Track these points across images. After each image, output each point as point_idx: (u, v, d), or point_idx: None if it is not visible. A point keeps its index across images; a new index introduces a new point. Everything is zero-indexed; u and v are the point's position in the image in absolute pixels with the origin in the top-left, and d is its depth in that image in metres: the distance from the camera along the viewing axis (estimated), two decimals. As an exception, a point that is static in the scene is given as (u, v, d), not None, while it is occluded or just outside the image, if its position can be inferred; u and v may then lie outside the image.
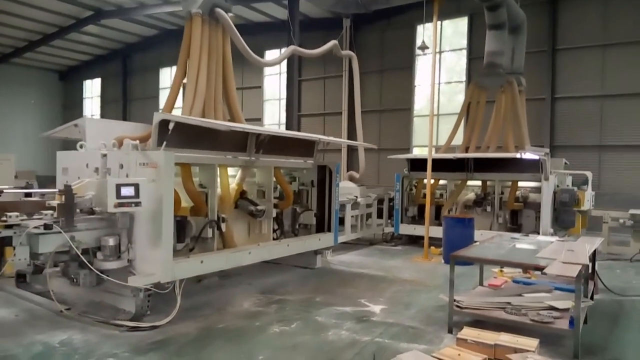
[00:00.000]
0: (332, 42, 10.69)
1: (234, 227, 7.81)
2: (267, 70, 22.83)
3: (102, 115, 29.19)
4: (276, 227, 8.46)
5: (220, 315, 6.22)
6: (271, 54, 22.20)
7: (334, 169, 9.11)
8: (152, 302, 5.97)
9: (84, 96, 31.49)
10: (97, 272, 5.46)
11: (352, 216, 11.77)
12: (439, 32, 18.56)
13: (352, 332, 5.61)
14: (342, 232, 11.27)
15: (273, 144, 7.99)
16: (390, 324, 5.98)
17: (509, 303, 5.88)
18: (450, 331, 5.62)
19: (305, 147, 8.90)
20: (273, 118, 22.97)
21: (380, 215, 13.15)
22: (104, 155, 6.14)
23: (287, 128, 17.08)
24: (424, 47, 13.24)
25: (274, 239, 8.29)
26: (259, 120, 22.80)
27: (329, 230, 9.16)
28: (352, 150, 20.27)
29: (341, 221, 11.40)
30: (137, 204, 5.43)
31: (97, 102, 30.81)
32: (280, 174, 8.49)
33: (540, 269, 5.24)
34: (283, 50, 16.06)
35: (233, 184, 7.83)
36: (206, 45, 7.64)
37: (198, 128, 6.48)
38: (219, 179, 7.33)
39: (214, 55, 7.79)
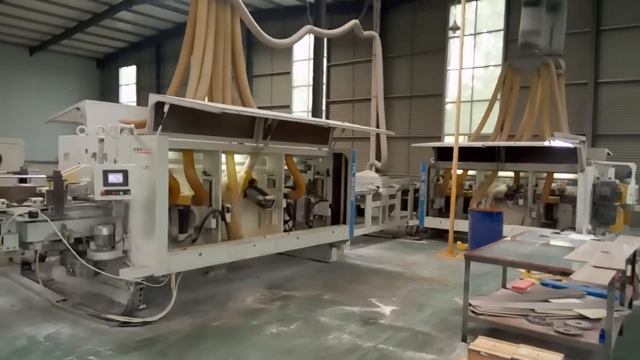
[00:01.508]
0: (353, 22, 10.10)
1: (242, 217, 7.47)
2: (296, 56, 22.36)
3: (138, 103, 29.54)
4: (288, 218, 8.05)
5: (219, 311, 5.89)
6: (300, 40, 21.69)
7: (349, 157, 8.60)
8: (151, 295, 5.71)
9: (120, 83, 31.98)
10: (84, 262, 5.19)
11: (375, 207, 11.27)
12: (474, 13, 17.69)
13: (355, 336, 5.15)
14: (362, 225, 10.82)
15: (283, 130, 7.56)
16: (399, 328, 5.49)
17: (532, 310, 5.27)
18: (464, 339, 5.08)
19: (319, 134, 8.42)
20: (302, 105, 22.52)
21: (405, 207, 12.55)
22: (102, 140, 5.87)
23: (314, 115, 16.59)
24: (455, 28, 12.44)
25: (285, 231, 7.91)
26: (287, 107, 22.43)
27: (344, 222, 8.69)
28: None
29: (361, 212, 10.95)
30: (126, 192, 5.13)
31: (132, 89, 31.22)
32: (292, 162, 8.06)
33: (566, 273, 4.61)
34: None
35: (241, 172, 7.46)
36: (213, 24, 7.26)
37: (200, 112, 6.10)
38: (225, 167, 6.99)
39: (221, 35, 7.41)
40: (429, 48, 18.44)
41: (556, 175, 10.57)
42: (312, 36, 16.52)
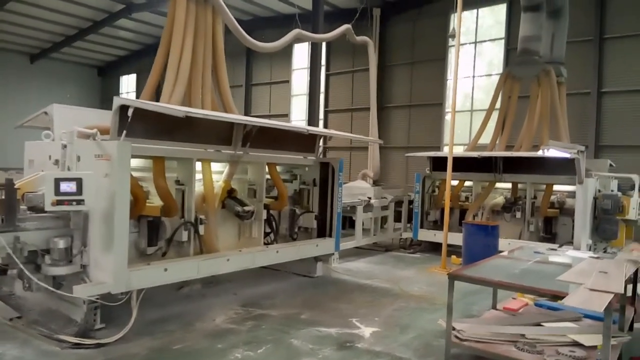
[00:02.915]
0: (345, 26, 9.75)
1: (220, 229, 7.07)
2: (295, 64, 22.10)
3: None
4: (269, 230, 7.64)
5: (184, 332, 5.46)
6: (300, 48, 21.46)
7: (336, 167, 8.19)
8: (116, 313, 5.29)
9: (120, 91, 31.84)
10: (32, 277, 4.79)
11: (367, 219, 10.83)
12: (475, 21, 17.34)
13: (326, 363, 4.71)
14: (353, 237, 10.39)
15: (266, 137, 7.18)
16: (377, 353, 5.04)
17: (522, 335, 4.81)
18: (446, 367, 4.62)
19: (305, 142, 8.03)
20: (301, 114, 22.18)
21: (398, 219, 12.10)
22: (64, 147, 5.52)
23: (309, 124, 16.23)
24: (454, 36, 12.01)
25: (266, 244, 7.49)
26: (286, 116, 22.11)
27: (330, 235, 8.25)
28: (380, 149, 19.19)
29: (352, 224, 10.54)
30: (79, 202, 4.74)
31: (133, 97, 31.11)
32: (275, 171, 7.66)
33: (559, 297, 4.15)
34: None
35: (220, 181, 7.07)
36: (192, 25, 6.92)
37: (172, 117, 5.70)
38: (200, 175, 6.61)
39: (201, 36, 7.07)
40: (429, 57, 18.10)
41: (556, 187, 10.10)
42: (310, 44, 16.32)
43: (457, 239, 9.79)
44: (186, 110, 5.17)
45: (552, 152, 7.14)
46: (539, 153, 7.45)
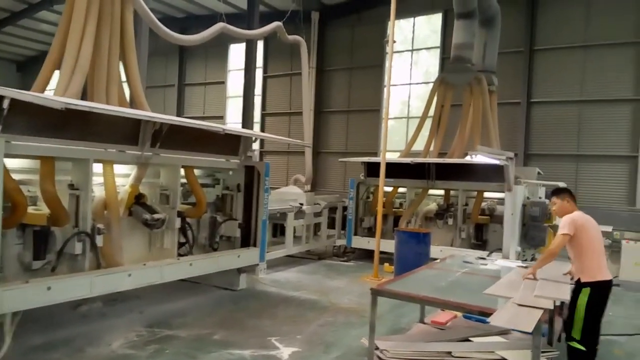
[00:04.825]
0: (275, 24, 9.25)
1: (128, 240, 6.28)
2: (231, 65, 21.32)
3: (62, 109, 27.31)
4: (184, 240, 6.91)
5: (71, 360, 4.68)
6: (236, 48, 20.72)
7: (262, 171, 7.62)
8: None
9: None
10: None
11: (299, 226, 10.33)
12: (412, 30, 17.42)
13: (233, 393, 4.11)
14: (284, 245, 9.85)
15: (180, 137, 6.48)
16: (292, 378, 4.50)
17: (449, 353, 4.45)
18: (367, 392, 4.16)
19: (228, 143, 7.38)
20: (237, 116, 21.33)
21: (333, 226, 11.69)
22: None
23: (244, 126, 15.55)
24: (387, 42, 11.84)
25: (180, 255, 6.76)
26: (221, 118, 21.25)
27: (255, 244, 7.65)
28: (318, 154, 18.88)
29: (284, 231, 10.01)
30: None
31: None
32: (192, 175, 6.96)
33: (485, 314, 3.81)
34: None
35: (127, 185, 6.29)
36: (95, 10, 6.13)
37: (66, 111, 4.88)
38: (101, 179, 5.82)
39: (106, 23, 6.29)
40: (367, 63, 17.97)
41: (487, 195, 10.07)
42: (245, 43, 15.70)
43: (391, 246, 9.48)
44: (66, 102, 4.41)
45: (480, 158, 6.96)
46: (467, 158, 7.28)
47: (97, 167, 5.78)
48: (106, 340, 5.20)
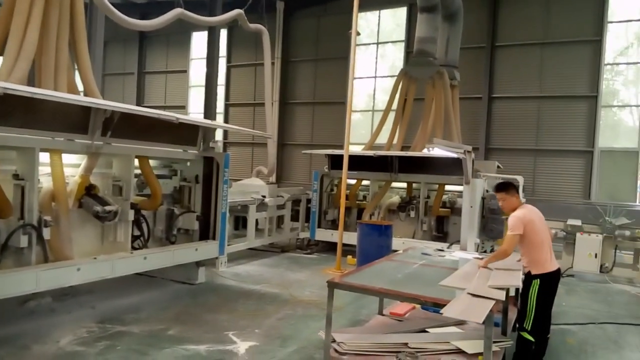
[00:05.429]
0: (236, 11, 9.04)
1: (78, 233, 6.03)
2: (194, 53, 20.83)
3: None
4: (139, 233, 6.69)
5: (15, 358, 4.43)
6: (199, 37, 20.24)
7: (221, 162, 7.45)
8: None
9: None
10: None
11: (262, 219, 10.19)
12: (378, 22, 17.44)
13: (184, 390, 3.99)
14: (246, 238, 9.71)
15: (134, 126, 6.25)
16: (248, 372, 4.42)
17: (405, 344, 4.46)
18: (324, 386, 4.12)
19: (185, 133, 7.18)
20: (200, 106, 20.90)
21: (296, 219, 11.61)
22: None
23: (206, 117, 15.22)
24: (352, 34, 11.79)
25: (134, 249, 6.54)
26: (183, 107, 20.75)
27: (214, 237, 7.49)
28: (283, 146, 18.72)
29: (246, 224, 9.87)
30: None
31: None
32: (147, 165, 6.73)
33: (439, 305, 3.83)
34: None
35: (76, 176, 6.02)
36: (41, -8, 5.79)
37: (9, 97, 4.59)
38: (49, 169, 5.55)
39: (55, 6, 5.95)
40: (333, 54, 17.87)
41: (448, 188, 10.22)
42: (208, 31, 15.34)
43: (354, 238, 9.47)
44: (4, 87, 4.15)
45: (437, 151, 7.01)
46: (424, 151, 7.34)
47: (45, 157, 5.52)
48: (54, 337, 4.98)
